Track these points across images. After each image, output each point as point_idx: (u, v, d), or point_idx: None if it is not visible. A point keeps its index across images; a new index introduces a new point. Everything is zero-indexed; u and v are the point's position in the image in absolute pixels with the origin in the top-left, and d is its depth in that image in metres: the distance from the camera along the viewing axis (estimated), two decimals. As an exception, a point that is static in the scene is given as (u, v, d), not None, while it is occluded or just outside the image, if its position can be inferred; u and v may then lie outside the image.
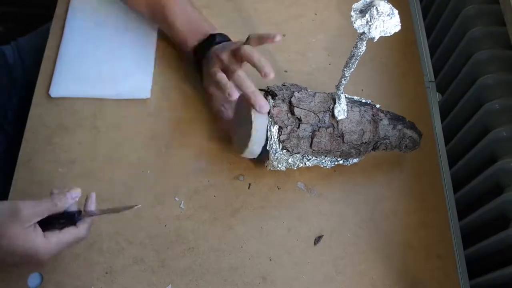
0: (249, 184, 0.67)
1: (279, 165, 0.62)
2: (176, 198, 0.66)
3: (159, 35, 0.77)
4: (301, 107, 0.59)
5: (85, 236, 0.49)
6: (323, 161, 0.64)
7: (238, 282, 0.61)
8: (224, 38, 0.68)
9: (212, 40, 0.67)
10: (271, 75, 0.56)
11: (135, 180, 0.66)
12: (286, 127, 0.59)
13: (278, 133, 0.59)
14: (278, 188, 0.67)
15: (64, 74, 0.72)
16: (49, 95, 0.70)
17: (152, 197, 0.65)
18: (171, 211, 0.65)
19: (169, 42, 0.77)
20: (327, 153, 0.62)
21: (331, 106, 0.60)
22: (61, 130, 0.69)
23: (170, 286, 0.60)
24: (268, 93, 0.61)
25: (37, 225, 0.47)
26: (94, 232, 0.62)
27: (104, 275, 0.60)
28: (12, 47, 0.86)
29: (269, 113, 0.59)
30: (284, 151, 0.60)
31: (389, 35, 0.48)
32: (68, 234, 0.48)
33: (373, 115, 0.62)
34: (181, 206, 0.65)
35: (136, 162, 0.67)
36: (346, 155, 0.63)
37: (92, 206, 0.51)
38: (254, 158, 0.63)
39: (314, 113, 0.59)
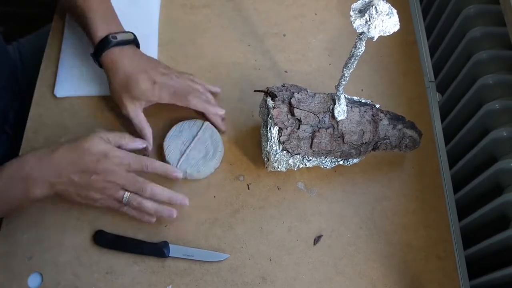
0: (247, 185, 0.67)
1: (279, 166, 0.62)
2: (176, 198, 0.66)
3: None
4: (301, 108, 0.59)
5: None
6: (323, 161, 0.64)
7: (238, 282, 0.61)
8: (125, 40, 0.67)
9: (112, 39, 0.65)
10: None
11: (135, 180, 0.66)
12: (286, 128, 0.59)
13: (278, 134, 0.59)
14: (278, 188, 0.67)
15: (69, 74, 0.72)
16: (49, 95, 0.70)
17: (152, 197, 0.65)
18: (171, 211, 0.65)
19: (170, 44, 0.77)
20: (327, 153, 0.62)
21: (331, 106, 0.60)
22: (61, 130, 0.69)
23: (170, 286, 0.60)
24: (268, 94, 0.61)
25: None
26: (94, 232, 0.63)
27: (104, 275, 0.60)
28: (14, 47, 0.86)
29: (268, 114, 0.58)
30: (285, 152, 0.60)
31: (388, 34, 0.48)
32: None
33: (373, 115, 0.62)
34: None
35: (136, 162, 0.67)
36: (346, 156, 0.63)
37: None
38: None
39: (314, 114, 0.59)
